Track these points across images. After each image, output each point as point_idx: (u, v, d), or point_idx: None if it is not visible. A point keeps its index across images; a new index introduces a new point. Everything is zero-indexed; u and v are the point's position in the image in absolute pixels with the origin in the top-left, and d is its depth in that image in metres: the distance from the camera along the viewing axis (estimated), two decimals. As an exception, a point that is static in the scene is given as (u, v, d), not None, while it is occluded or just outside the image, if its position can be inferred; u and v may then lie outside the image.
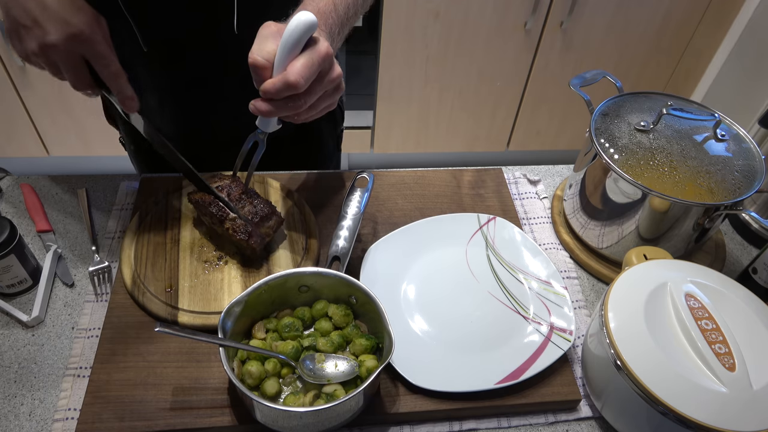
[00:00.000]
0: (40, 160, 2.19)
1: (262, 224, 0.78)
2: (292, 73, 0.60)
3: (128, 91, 0.68)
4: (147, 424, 0.65)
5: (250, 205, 0.78)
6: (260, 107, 0.63)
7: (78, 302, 0.79)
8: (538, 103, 2.16)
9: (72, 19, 0.61)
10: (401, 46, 1.91)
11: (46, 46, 0.61)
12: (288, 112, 0.65)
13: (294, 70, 0.61)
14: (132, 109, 0.71)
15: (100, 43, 0.63)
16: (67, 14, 0.61)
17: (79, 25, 0.61)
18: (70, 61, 0.64)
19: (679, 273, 0.70)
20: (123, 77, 0.67)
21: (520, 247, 0.85)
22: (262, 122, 0.70)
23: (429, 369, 0.70)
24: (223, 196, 0.78)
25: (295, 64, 0.61)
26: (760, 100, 1.92)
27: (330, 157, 1.15)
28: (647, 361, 0.62)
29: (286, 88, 0.61)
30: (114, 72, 0.66)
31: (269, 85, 0.61)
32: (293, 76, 0.60)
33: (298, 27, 0.61)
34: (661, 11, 1.94)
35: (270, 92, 0.61)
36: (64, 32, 0.61)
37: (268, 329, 0.71)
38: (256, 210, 0.78)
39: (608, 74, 0.91)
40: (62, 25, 0.61)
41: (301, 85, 0.61)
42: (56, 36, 0.61)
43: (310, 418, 0.63)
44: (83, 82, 0.67)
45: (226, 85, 0.89)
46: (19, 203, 0.91)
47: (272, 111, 0.63)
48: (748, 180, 0.78)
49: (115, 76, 0.66)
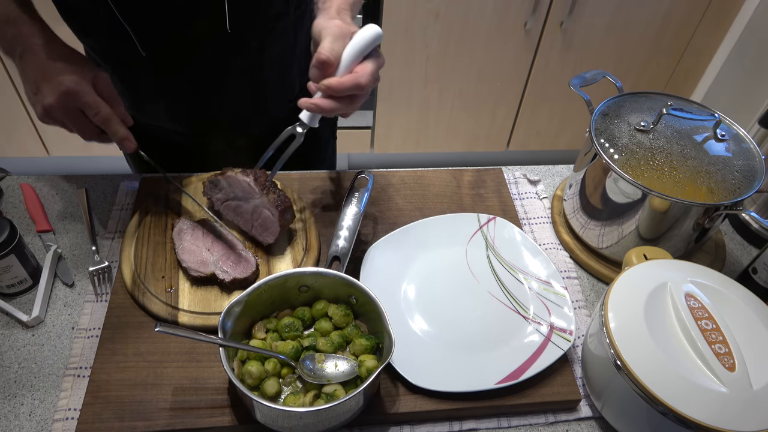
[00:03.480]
0: (40, 160, 2.19)
1: (284, 215, 0.79)
2: (364, 77, 0.67)
3: (121, 132, 0.73)
4: (147, 424, 0.65)
5: (273, 194, 0.79)
6: (322, 104, 0.68)
7: (78, 302, 0.79)
8: (538, 103, 2.16)
9: (62, 79, 0.69)
10: (401, 46, 1.91)
11: (48, 107, 0.69)
12: (345, 111, 0.70)
13: (366, 74, 0.68)
14: (130, 150, 0.75)
15: (87, 94, 0.70)
16: (60, 78, 0.69)
17: (67, 83, 0.69)
18: (70, 116, 0.71)
19: (679, 273, 0.70)
20: (113, 121, 0.72)
21: (520, 247, 0.85)
22: (310, 118, 0.73)
23: (429, 369, 0.70)
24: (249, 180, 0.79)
25: (366, 69, 0.68)
26: (760, 100, 1.92)
27: (326, 145, 1.15)
28: (647, 361, 0.62)
29: (355, 87, 0.67)
30: (104, 117, 0.71)
31: (336, 83, 0.67)
32: (365, 79, 0.67)
33: (371, 37, 0.69)
34: (661, 11, 1.94)
35: (337, 89, 0.67)
36: (57, 92, 0.69)
37: (268, 329, 0.71)
38: (280, 199, 0.79)
39: (608, 74, 0.91)
40: (55, 86, 0.69)
41: (369, 88, 0.68)
42: (51, 97, 0.69)
43: (310, 418, 0.63)
44: (88, 132, 0.73)
45: (225, 83, 0.89)
46: (19, 203, 0.91)
47: (332, 107, 0.68)
48: (748, 180, 0.78)
49: (105, 121, 0.72)
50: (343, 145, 2.09)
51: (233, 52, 0.85)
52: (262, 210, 0.79)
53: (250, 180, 0.79)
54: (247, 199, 0.80)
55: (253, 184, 0.79)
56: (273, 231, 0.79)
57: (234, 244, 0.80)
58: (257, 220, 0.80)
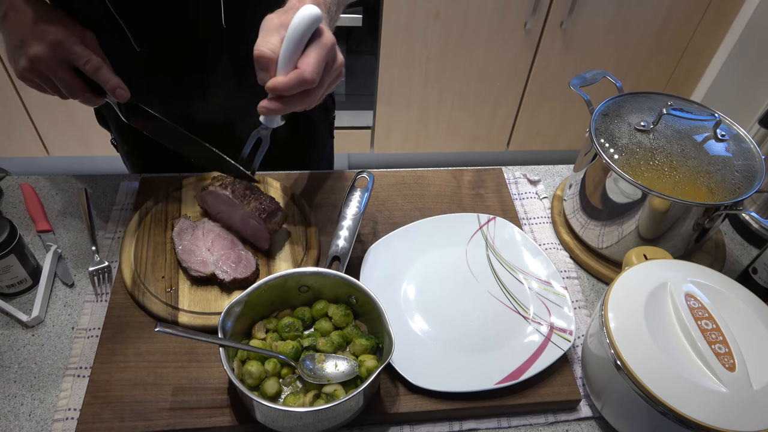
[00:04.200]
0: (40, 160, 2.19)
1: (269, 220, 0.78)
2: (308, 71, 0.60)
3: (113, 80, 0.71)
4: (147, 424, 0.65)
5: (255, 202, 0.78)
6: (272, 107, 0.63)
7: (78, 302, 0.79)
8: (538, 103, 2.16)
9: (50, 30, 0.67)
10: (401, 46, 1.91)
11: (33, 58, 0.67)
12: (300, 108, 0.65)
13: (309, 66, 0.61)
14: (123, 98, 0.72)
15: (75, 43, 0.68)
16: (46, 28, 0.67)
17: (55, 33, 0.67)
18: (56, 69, 0.69)
19: (679, 273, 0.70)
20: (104, 68, 0.70)
21: (520, 247, 0.85)
22: (267, 119, 0.69)
23: (429, 369, 0.70)
24: (227, 193, 0.78)
25: (308, 60, 0.61)
26: (760, 100, 1.92)
27: (323, 144, 1.15)
28: (647, 361, 0.62)
29: (301, 84, 0.61)
30: (94, 65, 0.69)
31: (281, 83, 0.61)
32: (309, 73, 0.60)
33: (304, 21, 0.60)
34: (661, 11, 1.94)
35: (283, 90, 0.61)
36: (44, 42, 0.67)
37: (268, 329, 0.71)
38: (263, 206, 0.78)
39: (608, 74, 0.91)
40: (42, 36, 0.67)
41: (316, 81, 0.61)
42: (37, 47, 0.67)
43: (310, 418, 0.63)
44: (75, 88, 0.71)
45: (220, 79, 0.89)
46: (19, 203, 0.91)
47: (284, 108, 0.63)
48: (748, 180, 0.78)
49: (95, 68, 0.69)
50: (343, 145, 2.09)
51: (229, 48, 0.85)
52: (249, 220, 0.79)
53: (229, 192, 0.78)
54: (233, 209, 0.80)
55: (232, 196, 0.78)
56: (264, 238, 0.79)
57: (234, 244, 0.80)
58: (248, 230, 0.80)
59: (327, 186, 0.94)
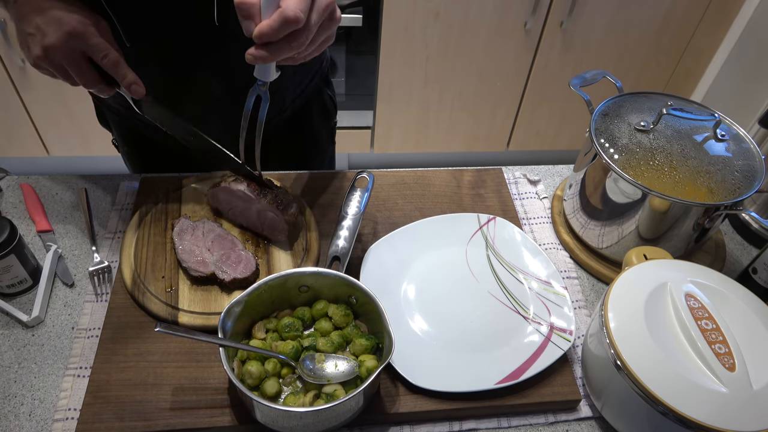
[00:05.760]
0: (40, 160, 2.19)
1: (286, 211, 0.79)
2: (290, 8, 0.58)
3: (130, 76, 0.70)
4: (147, 424, 0.65)
5: (271, 194, 0.79)
6: (259, 54, 0.60)
7: (78, 302, 0.79)
8: (538, 103, 2.16)
9: (67, 19, 0.65)
10: (401, 46, 1.91)
11: (48, 48, 0.65)
12: (290, 53, 0.62)
13: (290, 4, 0.58)
14: (138, 95, 0.71)
15: (94, 35, 0.66)
16: (62, 16, 0.65)
17: (72, 23, 0.65)
18: (72, 59, 0.67)
19: (679, 273, 0.70)
20: (122, 64, 0.69)
21: (520, 247, 0.85)
22: (261, 71, 0.66)
23: (429, 369, 0.70)
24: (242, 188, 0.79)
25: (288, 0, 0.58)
26: (760, 100, 1.92)
27: (324, 150, 1.15)
28: (647, 361, 0.62)
29: (285, 25, 0.58)
30: (112, 60, 0.68)
31: (266, 27, 0.58)
32: (291, 11, 0.58)
33: None
34: (661, 11, 1.94)
35: (268, 34, 0.58)
36: (60, 31, 0.64)
37: (268, 329, 0.71)
38: (279, 198, 0.79)
39: (608, 74, 0.91)
40: (58, 26, 0.64)
41: (301, 19, 0.58)
42: (54, 36, 0.64)
43: (310, 418, 0.63)
44: (90, 79, 0.69)
45: (212, 75, 0.88)
46: (19, 203, 0.91)
47: (272, 56, 0.61)
48: (748, 180, 0.78)
49: (113, 63, 0.68)
50: (343, 145, 2.09)
51: (220, 45, 0.84)
52: (266, 213, 0.79)
53: (244, 187, 0.79)
54: (248, 204, 0.80)
55: (248, 190, 0.79)
56: (282, 229, 0.80)
57: (234, 244, 0.80)
58: (264, 223, 0.81)
59: (327, 186, 0.94)
